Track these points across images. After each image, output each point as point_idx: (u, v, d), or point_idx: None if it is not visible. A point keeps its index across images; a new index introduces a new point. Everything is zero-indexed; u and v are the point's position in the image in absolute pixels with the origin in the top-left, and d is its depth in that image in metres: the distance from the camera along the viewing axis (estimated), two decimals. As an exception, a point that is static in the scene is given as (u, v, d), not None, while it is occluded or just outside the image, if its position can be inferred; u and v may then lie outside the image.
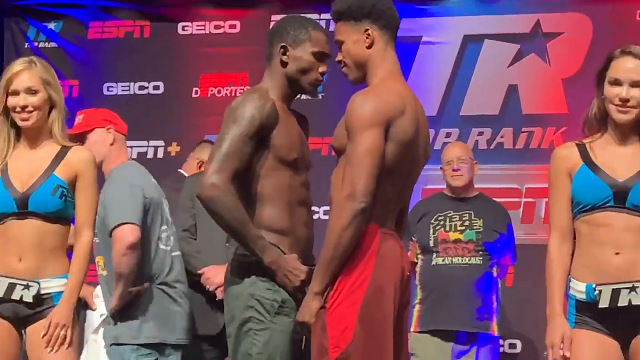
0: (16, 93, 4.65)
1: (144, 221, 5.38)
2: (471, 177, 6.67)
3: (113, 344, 5.46)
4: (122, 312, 5.44)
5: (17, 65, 4.71)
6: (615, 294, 4.17)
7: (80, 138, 5.39)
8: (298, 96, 4.64)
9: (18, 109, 4.65)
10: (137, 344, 5.42)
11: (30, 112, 4.66)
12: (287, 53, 4.50)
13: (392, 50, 4.38)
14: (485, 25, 7.84)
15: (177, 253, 5.61)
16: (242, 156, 4.36)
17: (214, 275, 5.66)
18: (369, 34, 4.33)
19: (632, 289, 4.16)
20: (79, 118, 5.65)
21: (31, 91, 4.66)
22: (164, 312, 5.47)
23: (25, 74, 4.67)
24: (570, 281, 4.28)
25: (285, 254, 4.38)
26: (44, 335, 4.58)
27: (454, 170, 6.63)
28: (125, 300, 5.36)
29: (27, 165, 4.68)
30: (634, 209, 4.20)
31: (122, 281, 5.31)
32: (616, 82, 4.24)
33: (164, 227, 5.55)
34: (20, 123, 4.67)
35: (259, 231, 4.37)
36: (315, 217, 5.13)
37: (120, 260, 5.29)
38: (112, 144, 5.62)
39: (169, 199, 5.68)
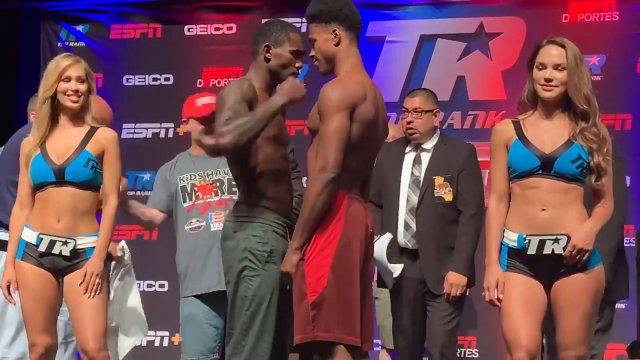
0: (69, 79, 4.71)
1: None
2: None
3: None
4: None
5: (69, 58, 4.78)
6: (542, 243, 4.23)
7: None
8: None
9: (70, 92, 4.71)
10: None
11: (79, 96, 4.72)
12: (270, 51, 4.49)
13: (355, 47, 4.38)
14: (438, 27, 7.77)
15: None
16: (240, 115, 4.31)
17: None
18: (336, 34, 4.34)
19: (556, 240, 4.23)
20: None
21: (80, 79, 4.73)
22: None
23: (77, 65, 4.74)
24: (504, 232, 4.32)
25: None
26: (81, 283, 4.63)
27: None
28: None
29: (62, 143, 4.73)
30: (558, 175, 4.25)
31: None
32: (542, 66, 4.27)
33: None
34: (69, 104, 4.73)
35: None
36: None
37: None
38: None
39: None
